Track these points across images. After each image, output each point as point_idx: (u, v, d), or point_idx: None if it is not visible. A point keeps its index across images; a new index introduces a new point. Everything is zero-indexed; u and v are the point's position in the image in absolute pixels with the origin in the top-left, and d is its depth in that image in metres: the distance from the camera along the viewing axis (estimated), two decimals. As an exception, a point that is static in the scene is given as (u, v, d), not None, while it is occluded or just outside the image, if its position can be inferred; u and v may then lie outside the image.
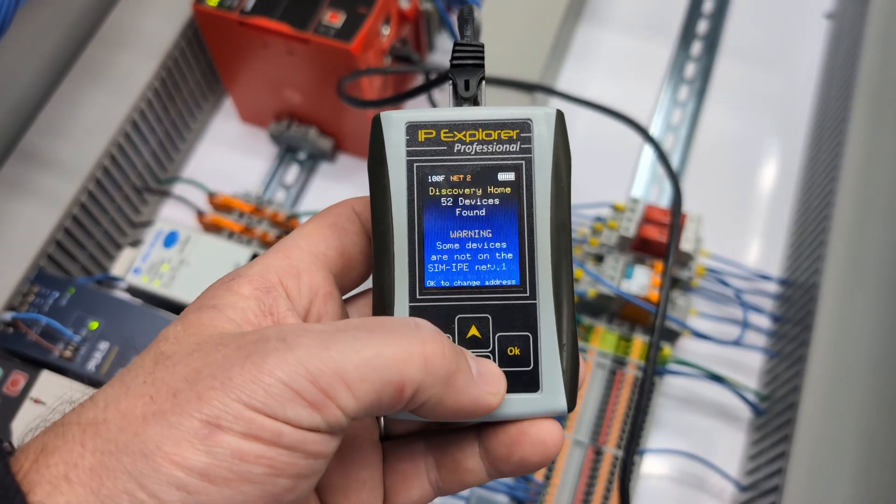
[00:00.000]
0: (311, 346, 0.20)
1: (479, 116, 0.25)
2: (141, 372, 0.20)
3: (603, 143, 0.60)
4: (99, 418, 0.19)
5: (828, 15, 0.67)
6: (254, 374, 0.19)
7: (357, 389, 0.20)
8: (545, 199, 0.24)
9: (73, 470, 0.18)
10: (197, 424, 0.19)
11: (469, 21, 0.27)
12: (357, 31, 0.49)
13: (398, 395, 0.20)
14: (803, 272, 0.52)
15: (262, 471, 0.19)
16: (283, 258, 0.24)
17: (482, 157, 0.24)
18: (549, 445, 0.24)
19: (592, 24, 0.67)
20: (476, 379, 0.22)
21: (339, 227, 0.25)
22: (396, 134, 0.24)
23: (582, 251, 0.52)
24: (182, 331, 0.22)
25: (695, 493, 0.49)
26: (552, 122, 0.25)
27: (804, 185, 0.59)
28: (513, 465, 0.24)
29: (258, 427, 0.19)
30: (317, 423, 0.19)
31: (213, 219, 0.55)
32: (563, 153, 0.25)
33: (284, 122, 0.59)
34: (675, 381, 0.52)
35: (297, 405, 0.19)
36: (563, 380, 0.24)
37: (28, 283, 0.48)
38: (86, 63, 0.54)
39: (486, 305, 0.24)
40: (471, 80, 0.26)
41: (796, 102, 0.63)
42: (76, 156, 0.51)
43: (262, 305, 0.22)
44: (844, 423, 0.43)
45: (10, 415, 0.43)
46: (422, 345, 0.21)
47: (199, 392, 0.19)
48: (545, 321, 0.24)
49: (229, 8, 0.51)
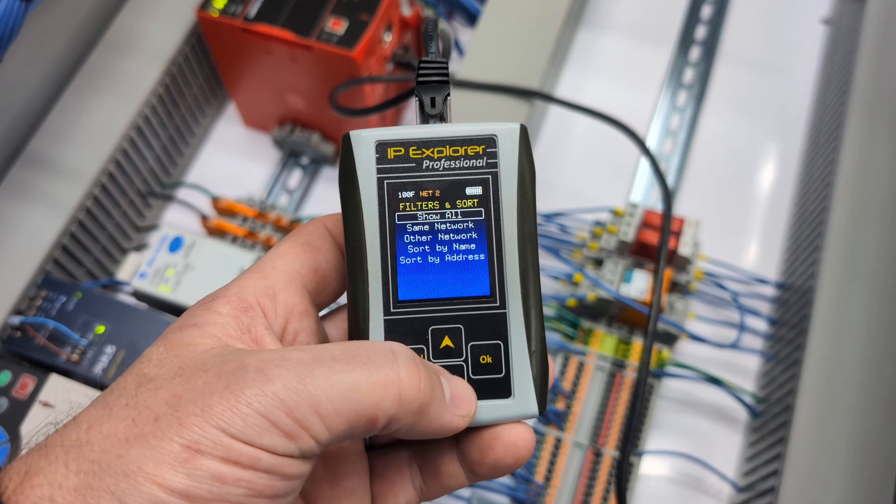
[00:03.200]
0: (287, 379, 0.20)
1: (446, 133, 0.25)
2: (123, 394, 0.21)
3: (602, 149, 0.61)
4: (82, 440, 0.20)
5: (825, 21, 0.68)
6: (232, 403, 0.20)
7: (330, 421, 0.21)
8: (512, 212, 0.25)
9: (57, 490, 0.19)
10: (177, 448, 0.19)
11: (433, 37, 0.27)
12: (359, 38, 0.50)
13: (371, 425, 0.21)
14: (800, 276, 0.52)
15: (240, 492, 0.20)
16: (259, 279, 0.25)
17: (450, 173, 0.25)
18: (520, 448, 0.25)
19: (592, 29, 0.67)
20: (448, 404, 0.23)
21: (313, 246, 0.26)
22: (366, 152, 0.25)
23: (582, 255, 0.53)
24: (164, 352, 0.22)
25: (692, 494, 0.50)
26: (516, 137, 0.25)
27: (801, 190, 0.59)
28: (487, 468, 0.25)
29: (237, 453, 0.20)
30: (291, 451, 0.20)
31: (216, 223, 0.56)
32: (528, 166, 0.26)
33: (287, 127, 0.60)
34: (674, 384, 0.53)
35: (273, 434, 0.20)
36: (533, 385, 0.25)
37: (35, 287, 0.49)
38: (91, 69, 0.55)
39: (459, 316, 0.25)
40: (436, 97, 0.26)
41: (793, 107, 0.64)
42: (81, 161, 0.52)
43: (241, 324, 0.23)
44: (839, 425, 0.44)
45: (19, 418, 0.44)
46: (397, 378, 0.22)
47: (180, 417, 0.20)
48: (515, 329, 0.25)
49: (233, 15, 0.51)
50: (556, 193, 0.59)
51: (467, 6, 0.63)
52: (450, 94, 0.27)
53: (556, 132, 0.62)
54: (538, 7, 0.58)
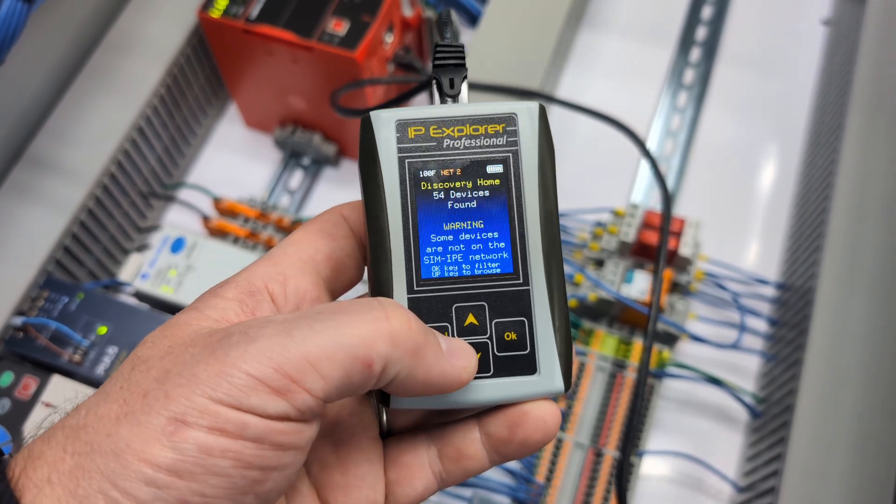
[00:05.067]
0: (272, 336, 0.20)
1: (466, 112, 0.25)
2: (119, 378, 0.21)
3: (603, 149, 0.61)
4: (80, 423, 0.20)
5: (825, 21, 0.68)
6: (218, 368, 0.20)
7: (323, 369, 0.20)
8: (533, 189, 0.25)
9: (54, 473, 0.19)
10: (164, 422, 0.19)
11: (448, 23, 0.28)
12: (361, 39, 0.50)
13: (367, 370, 0.21)
14: (800, 276, 0.52)
15: (228, 464, 0.19)
16: (270, 265, 0.25)
17: (471, 151, 0.25)
18: (550, 424, 0.25)
19: (593, 29, 0.68)
20: (446, 354, 0.23)
21: (327, 233, 0.26)
22: (387, 132, 0.25)
23: (583, 256, 0.53)
24: (159, 334, 0.22)
25: (693, 494, 0.50)
26: (535, 115, 0.26)
27: (801, 190, 0.59)
28: (515, 445, 0.25)
29: (223, 420, 0.19)
30: (283, 410, 0.20)
31: (218, 224, 0.56)
32: (547, 145, 0.26)
33: (289, 127, 0.60)
34: (674, 384, 0.53)
35: (261, 393, 0.19)
36: (558, 361, 0.25)
37: (37, 288, 0.49)
38: (93, 70, 0.55)
39: (482, 293, 0.25)
40: (455, 78, 0.27)
41: (794, 108, 0.64)
42: (83, 162, 0.52)
43: (245, 307, 0.23)
44: (839, 425, 0.44)
45: (21, 419, 0.44)
46: (387, 320, 0.21)
47: (167, 390, 0.20)
48: (539, 306, 0.25)
49: (234, 16, 0.52)
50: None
51: (468, 7, 0.63)
52: (466, 77, 0.27)
53: (557, 133, 0.62)
54: (539, 8, 0.58)
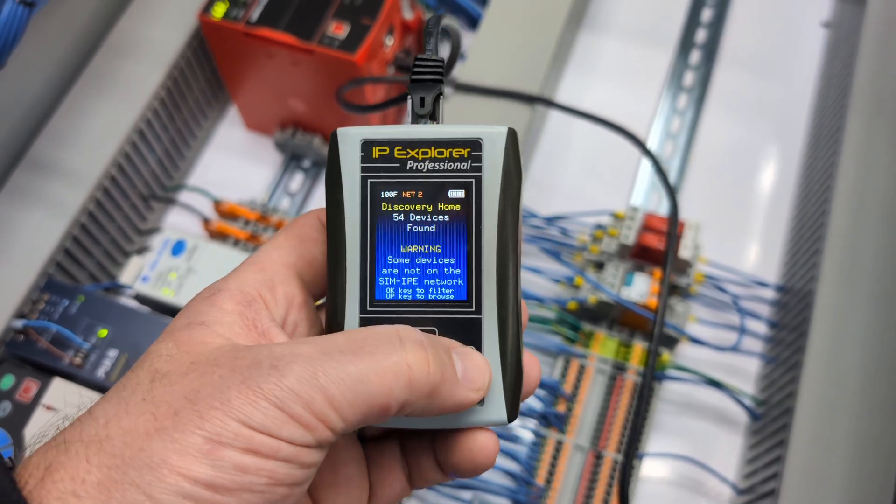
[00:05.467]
0: (300, 374, 0.21)
1: (433, 135, 0.25)
2: (138, 389, 0.21)
3: (603, 152, 0.61)
4: (101, 435, 0.20)
5: (825, 24, 0.68)
6: (251, 397, 0.20)
7: (345, 413, 0.21)
8: (493, 217, 0.25)
9: (80, 485, 0.19)
10: (200, 440, 0.20)
11: (432, 34, 0.27)
12: (361, 41, 0.50)
13: (384, 413, 0.22)
14: (800, 279, 0.52)
15: (262, 481, 0.20)
16: (258, 271, 0.25)
17: (433, 175, 0.25)
18: (488, 452, 0.25)
19: (593, 32, 0.68)
20: (461, 381, 0.23)
21: (307, 238, 0.26)
22: (352, 150, 0.25)
23: (582, 258, 0.53)
24: (175, 348, 0.23)
25: (693, 497, 0.50)
26: (502, 141, 0.25)
27: (801, 193, 0.59)
28: (450, 468, 0.26)
29: (257, 444, 0.20)
30: (309, 441, 0.21)
31: (218, 226, 0.56)
32: (514, 171, 0.25)
33: (289, 130, 0.60)
34: (674, 387, 0.53)
35: (292, 426, 0.21)
36: (504, 393, 0.25)
37: (38, 290, 0.49)
38: (93, 72, 0.55)
39: (434, 319, 0.25)
40: (426, 96, 0.26)
41: (793, 110, 0.64)
42: (84, 164, 0.52)
43: (246, 319, 0.24)
44: (839, 427, 0.44)
45: (23, 422, 0.44)
46: (406, 364, 0.22)
47: (200, 411, 0.20)
48: (489, 336, 0.25)
49: (235, 19, 0.52)
50: (556, 196, 0.59)
51: (468, 10, 0.63)
52: (442, 94, 0.27)
53: (557, 135, 0.62)
54: (539, 11, 0.58)
